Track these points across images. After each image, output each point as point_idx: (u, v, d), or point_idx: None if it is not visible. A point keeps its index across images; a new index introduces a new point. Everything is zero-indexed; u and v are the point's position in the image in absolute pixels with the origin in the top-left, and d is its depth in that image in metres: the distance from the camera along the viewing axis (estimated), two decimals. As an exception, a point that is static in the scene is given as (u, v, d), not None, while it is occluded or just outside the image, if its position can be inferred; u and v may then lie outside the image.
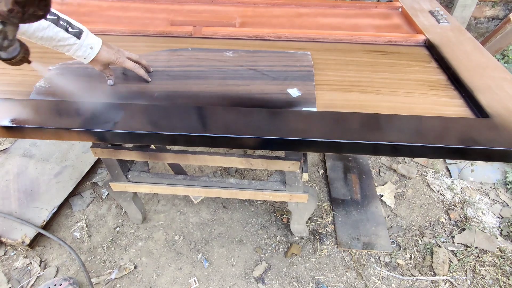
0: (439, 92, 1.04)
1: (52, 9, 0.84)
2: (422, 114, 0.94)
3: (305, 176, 1.21)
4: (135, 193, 1.46)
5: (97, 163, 1.87)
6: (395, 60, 1.21)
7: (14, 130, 0.89)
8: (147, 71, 1.06)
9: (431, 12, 1.49)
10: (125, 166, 1.33)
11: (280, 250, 1.49)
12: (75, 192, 1.72)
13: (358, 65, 1.18)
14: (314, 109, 0.95)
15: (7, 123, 0.88)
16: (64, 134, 0.88)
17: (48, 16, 0.86)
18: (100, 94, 1.00)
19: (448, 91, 1.04)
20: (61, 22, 0.88)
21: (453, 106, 0.98)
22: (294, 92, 0.99)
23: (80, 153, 1.89)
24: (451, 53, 1.18)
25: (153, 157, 1.20)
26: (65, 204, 1.67)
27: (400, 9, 1.60)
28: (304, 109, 0.94)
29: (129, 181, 1.35)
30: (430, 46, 1.28)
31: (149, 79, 1.04)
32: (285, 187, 1.28)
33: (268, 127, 0.85)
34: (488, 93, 0.98)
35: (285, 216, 1.62)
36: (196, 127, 0.85)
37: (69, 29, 0.89)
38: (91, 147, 1.20)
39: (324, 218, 1.61)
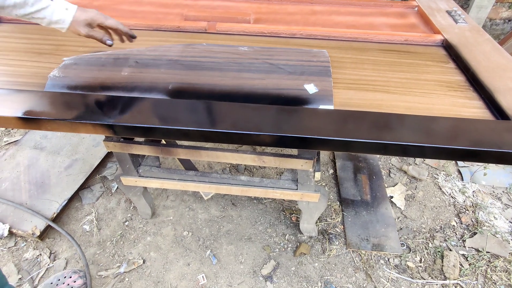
0: (457, 93, 1.02)
1: None
2: (440, 115, 0.92)
3: (318, 175, 1.20)
4: (145, 188, 1.46)
5: (107, 157, 1.88)
6: (412, 60, 1.20)
7: (30, 122, 0.89)
8: (131, 36, 1.04)
9: (449, 12, 1.47)
10: (136, 160, 1.33)
11: (288, 249, 1.48)
12: (85, 185, 1.73)
13: (374, 64, 1.16)
14: (331, 106, 0.94)
15: (23, 114, 0.88)
16: (79, 127, 0.88)
17: None
18: (115, 84, 1.00)
19: (467, 92, 1.03)
20: None
21: (472, 108, 0.96)
22: (311, 88, 0.98)
23: (90, 147, 1.89)
24: (469, 53, 1.16)
25: (165, 152, 1.20)
26: (75, 197, 1.68)
27: (416, 9, 1.58)
28: (321, 106, 0.93)
29: (140, 176, 1.35)
30: (447, 47, 1.26)
31: (135, 35, 1.04)
32: (297, 185, 1.28)
33: (283, 124, 0.84)
34: (509, 95, 0.96)
35: (294, 215, 1.62)
36: (211, 123, 0.84)
37: None
38: (104, 140, 1.20)
39: (334, 218, 1.60)
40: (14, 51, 1.19)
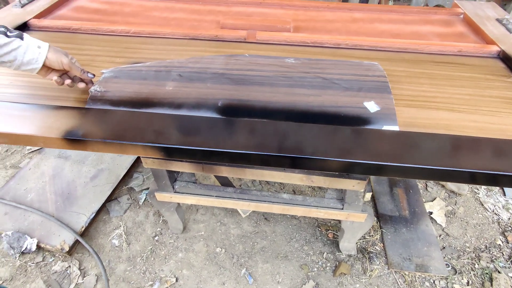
0: (529, 111, 0.94)
1: None
2: (517, 137, 0.85)
3: (368, 195, 1.13)
4: (178, 203, 1.40)
5: (132, 167, 1.82)
6: (470, 73, 1.12)
7: (76, 143, 0.83)
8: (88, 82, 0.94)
9: (499, 21, 1.38)
10: (172, 176, 1.27)
11: (327, 268, 1.42)
12: (111, 197, 1.68)
13: (431, 78, 1.08)
14: (396, 127, 0.87)
15: (68, 135, 0.82)
16: (129, 148, 0.82)
17: None
18: (160, 100, 0.94)
19: (540, 111, 0.95)
20: None
21: (549, 129, 0.88)
22: (371, 107, 0.91)
23: (115, 156, 1.84)
24: (533, 67, 1.08)
25: (207, 170, 1.13)
26: (102, 209, 1.62)
27: (462, 16, 1.50)
28: (385, 127, 0.86)
29: (175, 192, 1.29)
30: (506, 58, 1.18)
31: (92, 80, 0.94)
32: (342, 205, 1.21)
33: (353, 148, 0.78)
34: None
35: (330, 231, 1.55)
36: (274, 146, 0.78)
37: (8, 33, 0.79)
38: (142, 156, 1.14)
39: (372, 235, 1.52)
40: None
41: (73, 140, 0.82)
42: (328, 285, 1.37)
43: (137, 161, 1.84)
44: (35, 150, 1.93)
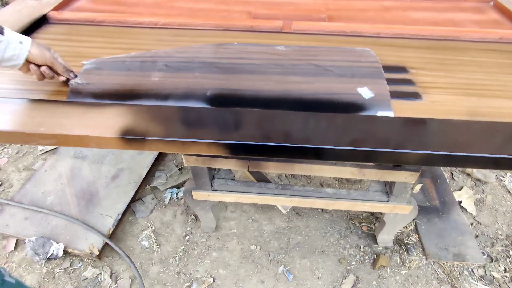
0: None
1: None
2: None
3: (418, 187, 1.11)
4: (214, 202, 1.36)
5: (154, 165, 1.76)
6: (517, 60, 1.10)
7: (134, 142, 0.78)
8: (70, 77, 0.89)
9: (532, 7, 1.37)
10: (211, 174, 1.22)
11: (366, 261, 1.40)
12: (135, 197, 1.61)
13: (480, 66, 1.06)
14: (391, 112, 0.84)
15: (127, 134, 0.77)
16: (191, 146, 0.77)
17: None
18: (147, 91, 0.88)
19: None
20: None
21: None
22: (365, 93, 0.88)
23: (134, 155, 1.77)
24: None
25: (253, 166, 1.09)
26: (128, 210, 1.56)
27: (492, 3, 1.48)
28: (379, 113, 0.83)
29: (213, 190, 1.24)
30: (548, 45, 1.17)
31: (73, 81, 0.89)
32: (388, 197, 1.19)
33: (429, 140, 0.75)
34: None
35: (363, 224, 1.53)
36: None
37: None
38: (184, 154, 1.09)
39: (406, 226, 1.51)
40: (66, 56, 1.03)
41: (130, 139, 0.77)
42: (368, 278, 1.35)
43: (158, 159, 1.78)
44: (48, 151, 1.84)
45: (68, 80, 0.89)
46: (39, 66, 0.81)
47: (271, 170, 1.10)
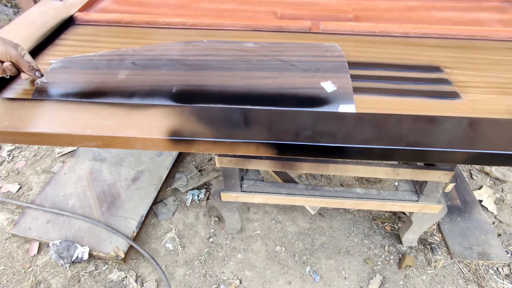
0: None
1: None
2: None
3: (450, 186, 1.12)
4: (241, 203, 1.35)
5: (173, 167, 1.75)
6: (547, 59, 1.11)
7: (181, 143, 0.77)
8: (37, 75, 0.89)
9: (554, 6, 1.39)
10: (240, 175, 1.22)
11: (391, 261, 1.40)
12: (156, 199, 1.60)
13: (512, 65, 1.07)
14: (352, 105, 0.84)
15: (175, 135, 0.76)
16: (240, 147, 0.77)
17: None
18: (112, 89, 0.88)
19: None
20: None
21: None
22: (328, 86, 0.89)
23: (154, 156, 1.76)
24: None
25: (287, 167, 1.09)
26: (150, 212, 1.55)
27: (512, 3, 1.49)
28: (342, 106, 0.84)
29: (242, 191, 1.24)
30: None
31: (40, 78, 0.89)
32: (418, 196, 1.19)
33: (476, 139, 0.75)
34: None
35: (386, 224, 1.53)
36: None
37: None
38: (218, 155, 1.08)
39: (430, 226, 1.52)
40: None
41: (178, 140, 0.76)
42: (394, 278, 1.35)
43: (177, 161, 1.77)
44: (66, 153, 1.83)
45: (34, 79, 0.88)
46: (2, 62, 0.81)
47: (305, 171, 1.09)
